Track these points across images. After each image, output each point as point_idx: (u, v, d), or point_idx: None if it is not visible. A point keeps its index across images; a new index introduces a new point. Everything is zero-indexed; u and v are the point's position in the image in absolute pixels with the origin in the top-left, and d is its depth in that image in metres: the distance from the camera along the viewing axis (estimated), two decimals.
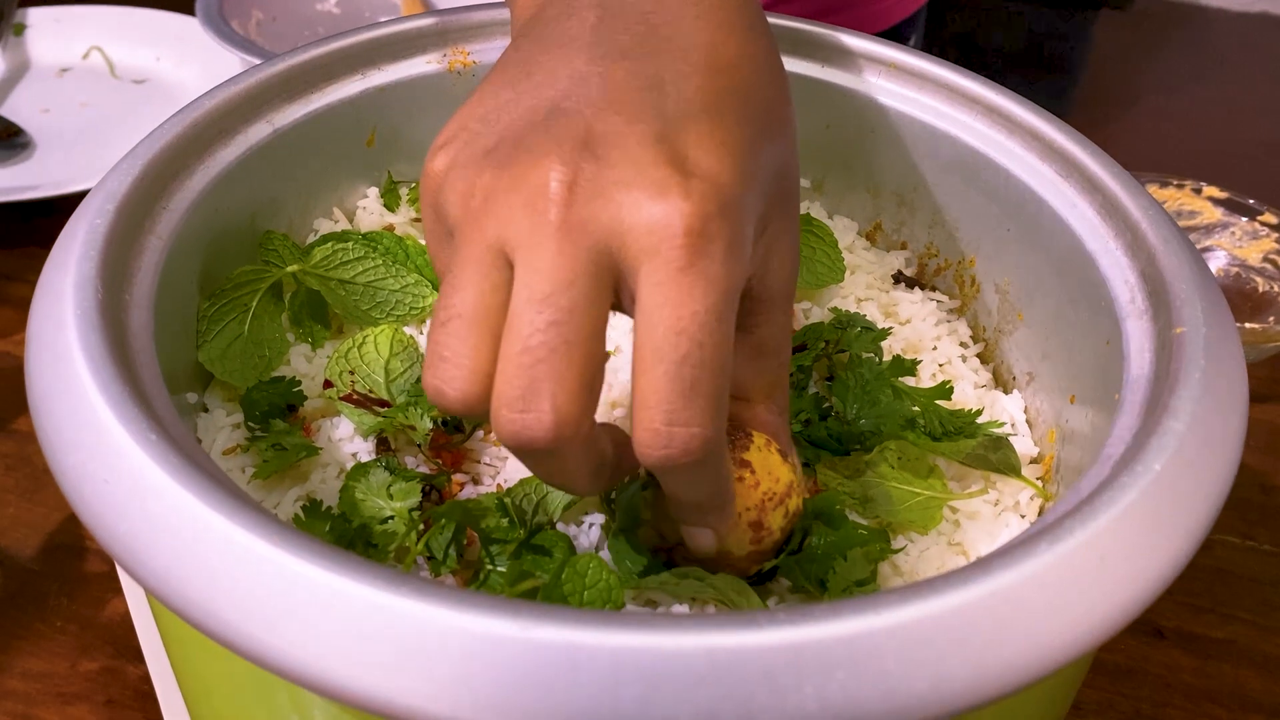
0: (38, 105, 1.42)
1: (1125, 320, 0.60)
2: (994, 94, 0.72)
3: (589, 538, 0.61)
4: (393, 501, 0.59)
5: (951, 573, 0.43)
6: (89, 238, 0.55)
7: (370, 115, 0.75)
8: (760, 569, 0.59)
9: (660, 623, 0.40)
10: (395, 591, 0.40)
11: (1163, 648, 0.94)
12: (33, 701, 0.85)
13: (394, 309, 0.70)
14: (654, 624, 0.40)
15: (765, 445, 0.57)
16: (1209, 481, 0.48)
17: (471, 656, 0.39)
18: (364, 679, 0.39)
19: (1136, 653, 0.93)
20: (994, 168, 0.71)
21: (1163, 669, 0.92)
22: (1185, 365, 0.53)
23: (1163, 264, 0.59)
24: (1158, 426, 0.49)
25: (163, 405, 0.51)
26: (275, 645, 0.40)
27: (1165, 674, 0.92)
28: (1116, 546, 0.44)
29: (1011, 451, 0.65)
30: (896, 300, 0.77)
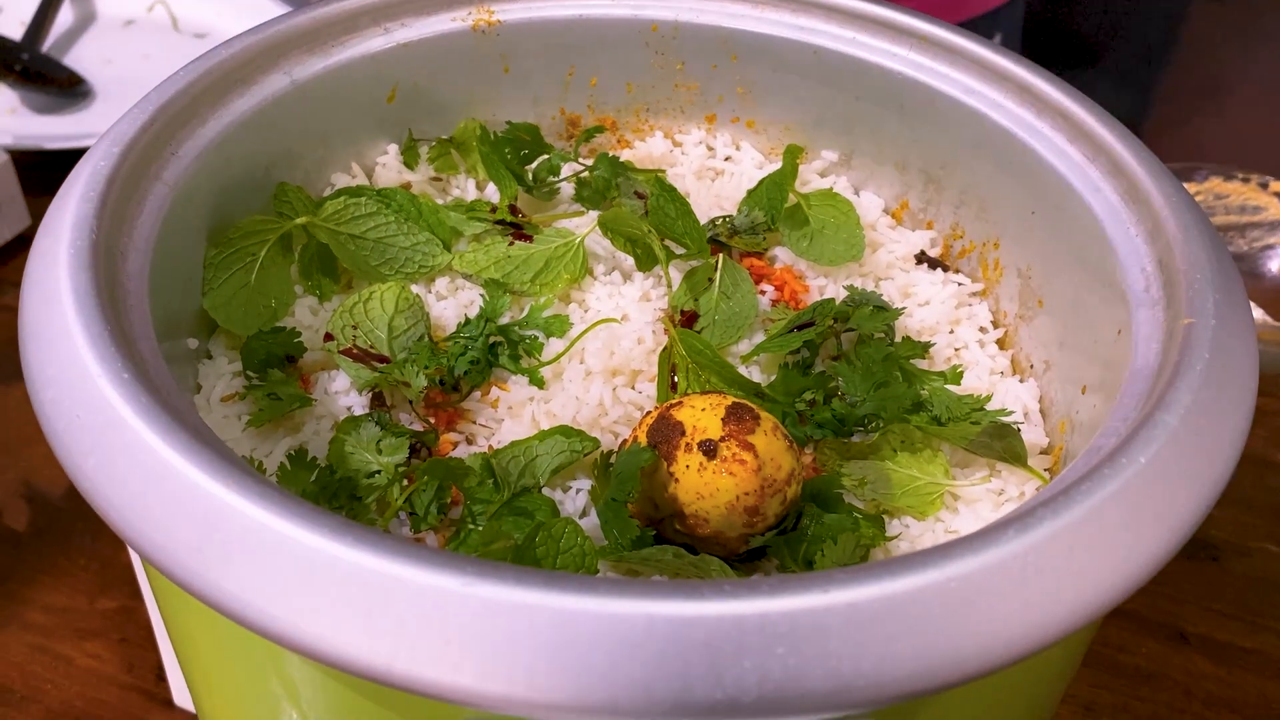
0: (101, 56, 1.45)
1: (1137, 309, 0.57)
2: (1024, 71, 0.70)
3: (575, 503, 0.60)
4: (381, 456, 0.59)
5: (910, 555, 0.41)
6: (91, 179, 0.56)
7: (392, 71, 0.75)
8: (748, 546, 0.58)
9: (600, 586, 0.39)
10: (339, 540, 0.40)
11: (1186, 653, 0.91)
12: (51, 635, 0.87)
13: (403, 266, 0.70)
14: (594, 587, 0.39)
15: (772, 431, 0.57)
16: (1199, 478, 0.46)
17: (410, 608, 0.39)
18: (300, 621, 0.40)
19: (1158, 656, 0.90)
20: (1022, 148, 0.69)
21: (1184, 675, 0.89)
22: (1188, 358, 0.50)
23: (1180, 253, 0.57)
24: (1149, 419, 0.47)
25: (148, 348, 0.51)
26: (217, 581, 0.41)
27: (1186, 680, 0.89)
28: (1088, 539, 0.43)
29: (1017, 440, 0.63)
30: (916, 281, 0.75)
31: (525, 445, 0.60)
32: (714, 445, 0.55)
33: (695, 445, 0.55)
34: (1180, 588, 0.95)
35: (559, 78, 0.81)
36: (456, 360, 0.65)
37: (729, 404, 0.57)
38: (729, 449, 0.55)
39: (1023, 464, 0.63)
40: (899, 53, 0.75)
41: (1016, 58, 0.71)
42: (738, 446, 0.55)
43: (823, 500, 0.60)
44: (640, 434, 0.59)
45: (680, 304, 0.70)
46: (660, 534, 0.59)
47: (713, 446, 0.55)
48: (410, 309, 0.68)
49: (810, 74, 0.78)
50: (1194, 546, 0.99)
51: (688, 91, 0.83)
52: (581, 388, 0.65)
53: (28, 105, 1.37)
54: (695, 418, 0.57)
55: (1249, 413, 0.50)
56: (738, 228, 0.76)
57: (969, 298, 0.76)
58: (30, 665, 0.85)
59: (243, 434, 0.62)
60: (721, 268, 0.72)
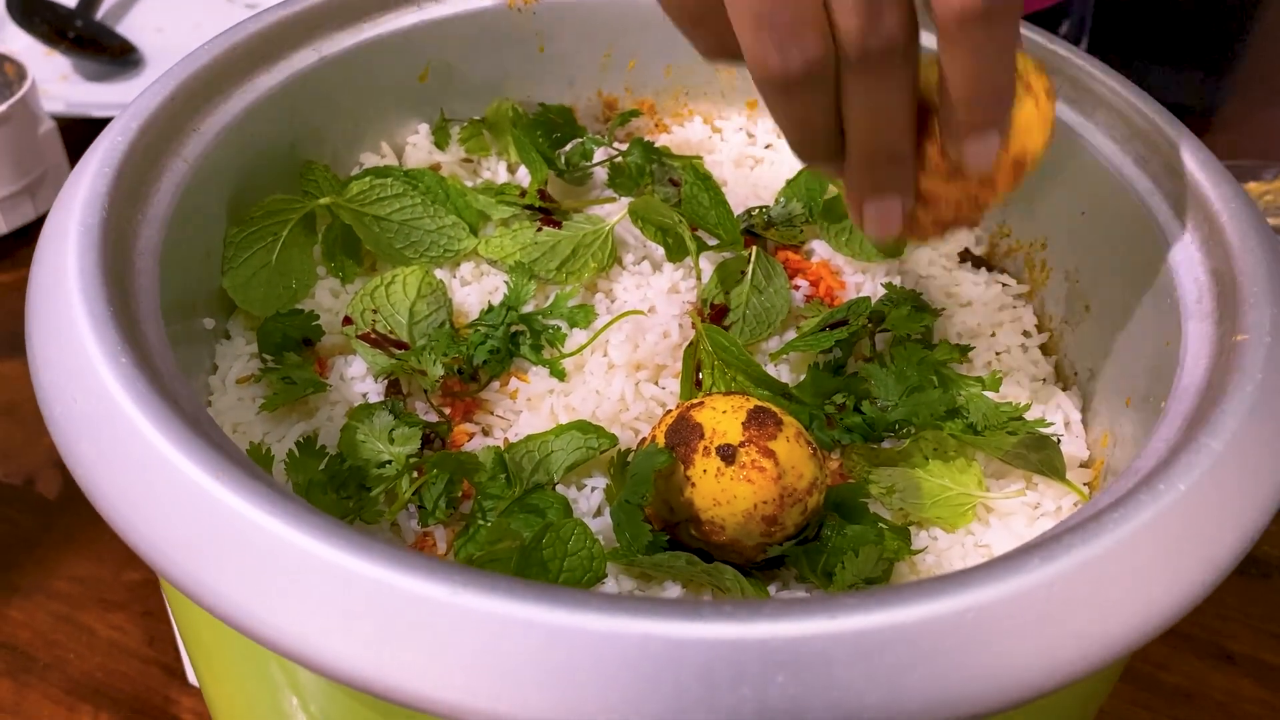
0: (153, 24, 1.45)
1: (1188, 321, 0.54)
2: (1079, 62, 0.66)
3: (589, 502, 0.58)
4: (393, 446, 0.58)
5: (925, 581, 0.39)
6: (107, 155, 0.55)
7: (424, 49, 0.74)
8: (766, 555, 0.56)
9: (594, 602, 0.38)
10: (329, 542, 0.39)
11: (1230, 673, 0.87)
12: (76, 604, 0.87)
13: (428, 249, 0.69)
14: (587, 603, 0.38)
15: (795, 438, 0.54)
16: (1244, 508, 0.44)
17: (397, 616, 0.38)
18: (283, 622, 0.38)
19: (1199, 675, 0.87)
20: (1074, 145, 0.66)
21: (1226, 696, 0.86)
22: (1238, 377, 0.47)
23: (1237, 263, 0.54)
24: (1192, 442, 0.45)
25: (153, 330, 0.50)
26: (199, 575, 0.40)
27: (1228, 701, 0.85)
28: (1118, 572, 0.40)
29: (1056, 453, 0.60)
30: (959, 280, 0.72)
31: (540, 440, 0.59)
32: (733, 450, 0.53)
33: (714, 449, 0.53)
34: (1227, 605, 0.91)
35: (596, 59, 0.79)
36: (476, 349, 0.63)
37: (751, 407, 0.54)
38: (748, 455, 0.53)
39: (1060, 478, 0.60)
40: None
41: (1070, 48, 0.67)
42: (757, 453, 0.53)
43: (847, 509, 0.58)
44: (659, 433, 0.57)
45: (710, 297, 0.68)
46: (676, 538, 0.57)
47: (731, 452, 0.53)
48: (433, 294, 0.66)
49: None
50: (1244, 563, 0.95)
51: (728, 75, 0.80)
52: (603, 381, 0.63)
53: (79, 73, 1.37)
54: (715, 420, 0.55)
55: None
56: (774, 219, 0.73)
57: (1014, 300, 0.73)
58: (54, 634, 0.86)
59: (256, 417, 0.61)
60: (754, 260, 0.70)
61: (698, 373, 0.64)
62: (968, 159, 0.49)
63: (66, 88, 1.34)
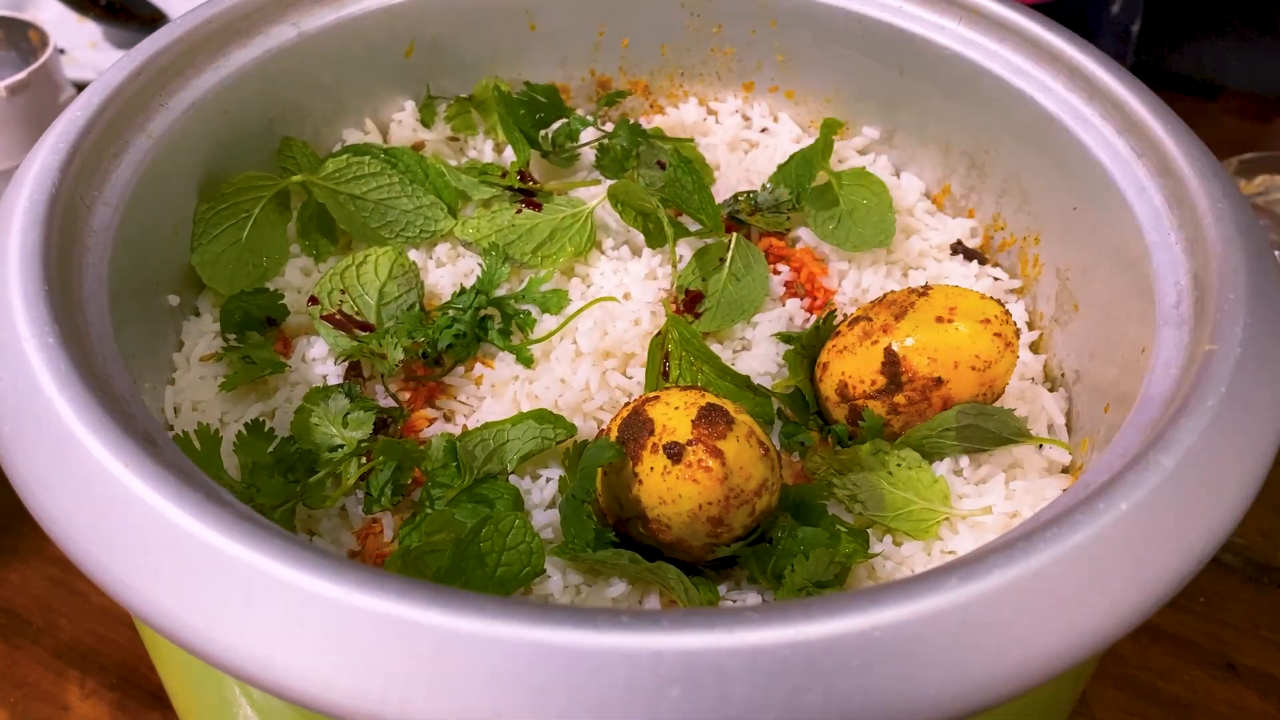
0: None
1: (1163, 327, 0.52)
2: (1077, 52, 0.63)
3: (543, 493, 0.57)
4: (346, 430, 0.57)
5: (835, 597, 0.38)
6: (64, 131, 0.55)
7: (409, 25, 0.73)
8: (715, 555, 0.55)
9: (490, 608, 0.37)
10: (227, 532, 0.38)
11: (1234, 685, 0.84)
12: (71, 569, 0.88)
13: (403, 230, 0.68)
14: (484, 608, 0.37)
15: (745, 437, 0.53)
16: (1192, 530, 0.41)
17: (289, 611, 0.37)
18: (177, 609, 0.38)
19: (1201, 686, 0.84)
20: (1068, 138, 0.63)
21: (1228, 708, 0.83)
22: (1201, 390, 0.45)
23: (1218, 267, 0.51)
24: (1143, 459, 0.42)
25: (95, 310, 0.50)
26: (98, 557, 0.39)
27: (1230, 714, 0.83)
28: (1043, 595, 0.38)
29: (1009, 415, 0.59)
30: (948, 272, 0.70)
31: (496, 428, 0.58)
32: (679, 449, 0.51)
33: (661, 447, 0.52)
34: (1235, 614, 0.88)
35: (589, 37, 0.78)
36: (441, 333, 0.62)
37: (703, 405, 0.53)
38: (695, 454, 0.51)
39: (1027, 437, 0.58)
40: (947, 25, 0.69)
41: (1070, 36, 0.65)
42: (705, 452, 0.51)
43: (804, 510, 0.56)
44: (614, 426, 0.56)
45: (686, 283, 0.67)
46: (627, 533, 0.56)
47: (678, 450, 0.51)
48: (405, 275, 0.65)
49: (853, 44, 0.73)
50: (1257, 571, 0.92)
51: (724, 57, 0.78)
52: (569, 369, 0.62)
53: (109, 40, 1.38)
54: (667, 416, 0.53)
55: (1267, 456, 0.45)
56: (760, 205, 0.71)
57: (1006, 294, 0.70)
58: (48, 599, 0.87)
59: (215, 396, 0.60)
60: (734, 247, 0.68)
61: (665, 363, 0.62)
62: None
63: (95, 55, 1.35)
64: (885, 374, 0.59)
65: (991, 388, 0.59)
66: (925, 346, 0.58)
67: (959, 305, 0.59)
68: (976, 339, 0.58)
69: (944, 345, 0.58)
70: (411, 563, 0.51)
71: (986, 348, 0.58)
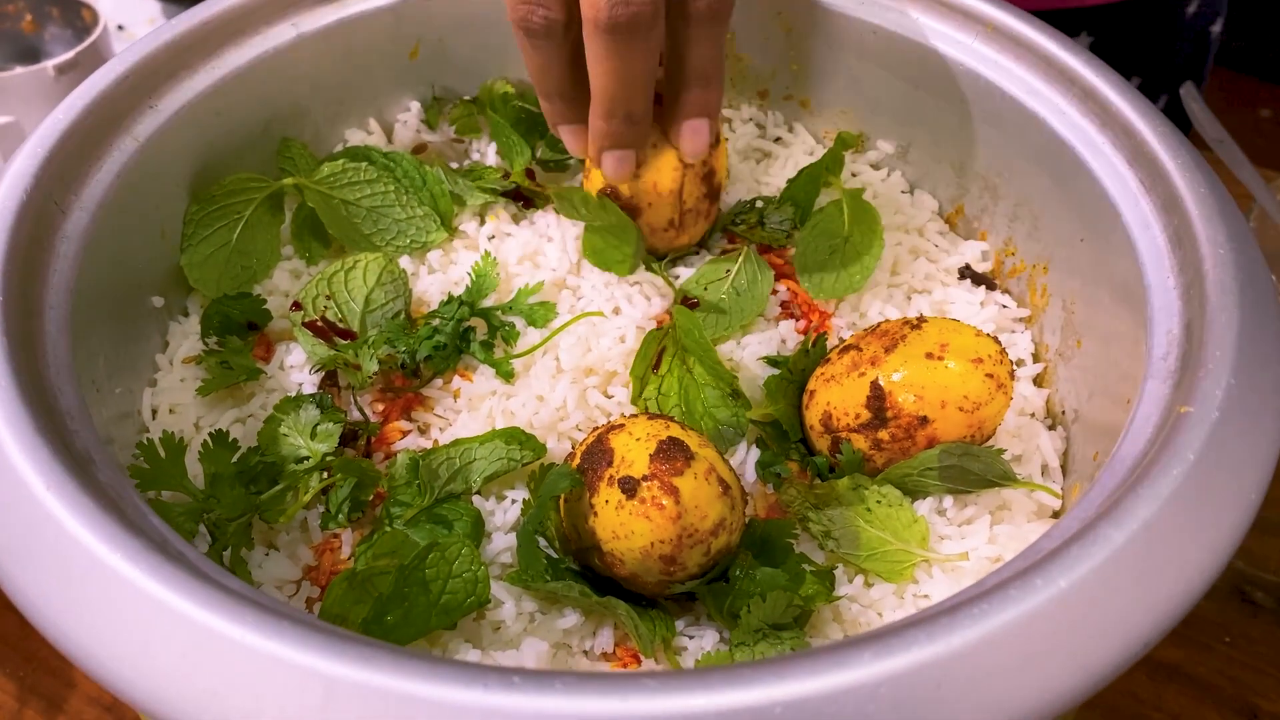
0: None
1: (1148, 380, 0.49)
2: (1093, 75, 0.60)
3: (506, 515, 0.57)
4: (313, 442, 0.57)
5: (735, 667, 0.36)
6: (43, 135, 0.55)
7: (414, 25, 0.72)
8: (670, 592, 0.54)
9: (383, 659, 0.36)
10: (134, 564, 0.38)
11: None
12: None
13: (395, 239, 0.67)
14: (374, 659, 0.36)
15: (704, 474, 0.51)
16: (1133, 610, 0.39)
17: (190, 650, 0.37)
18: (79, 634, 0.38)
19: None
20: (1079, 165, 0.60)
21: None
22: (1166, 457, 0.42)
23: (1211, 319, 0.48)
24: (1090, 530, 0.40)
25: (55, 319, 0.50)
26: (27, 591, 0.40)
27: None
28: (963, 675, 0.36)
29: (996, 459, 0.56)
30: (953, 298, 0.67)
31: (464, 446, 0.57)
32: (634, 484, 0.50)
33: (617, 480, 0.51)
34: (1259, 655, 0.84)
35: None
36: (421, 343, 0.61)
37: (664, 438, 0.51)
38: (649, 491, 0.50)
39: (1013, 481, 0.56)
40: (964, 40, 0.66)
41: (1088, 58, 0.61)
42: (659, 489, 0.50)
43: (769, 548, 0.55)
44: (579, 452, 0.55)
45: (688, 290, 0.65)
46: (586, 562, 0.55)
47: (632, 485, 0.50)
48: (393, 282, 0.65)
49: (868, 55, 0.70)
50: None
51: (738, 63, 0.76)
52: (548, 386, 0.61)
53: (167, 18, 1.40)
54: (627, 447, 0.52)
55: (1235, 531, 0.42)
56: (766, 222, 0.69)
57: (1013, 323, 0.67)
58: None
59: (192, 400, 0.61)
60: (743, 260, 0.66)
61: (659, 358, 0.61)
62: (685, 147, 0.62)
63: None
64: (870, 408, 0.57)
65: (980, 429, 0.57)
66: (912, 383, 0.56)
67: (951, 342, 0.57)
68: (966, 379, 0.56)
69: (932, 383, 0.56)
70: (358, 584, 0.51)
71: (976, 388, 0.56)
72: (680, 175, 0.64)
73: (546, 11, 0.55)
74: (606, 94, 0.58)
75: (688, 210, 0.66)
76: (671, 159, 0.64)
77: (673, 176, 0.64)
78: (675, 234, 0.67)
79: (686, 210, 0.66)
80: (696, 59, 0.59)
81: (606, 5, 0.53)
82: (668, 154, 0.64)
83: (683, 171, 0.64)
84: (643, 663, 0.52)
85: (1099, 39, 1.02)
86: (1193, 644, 0.86)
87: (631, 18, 0.54)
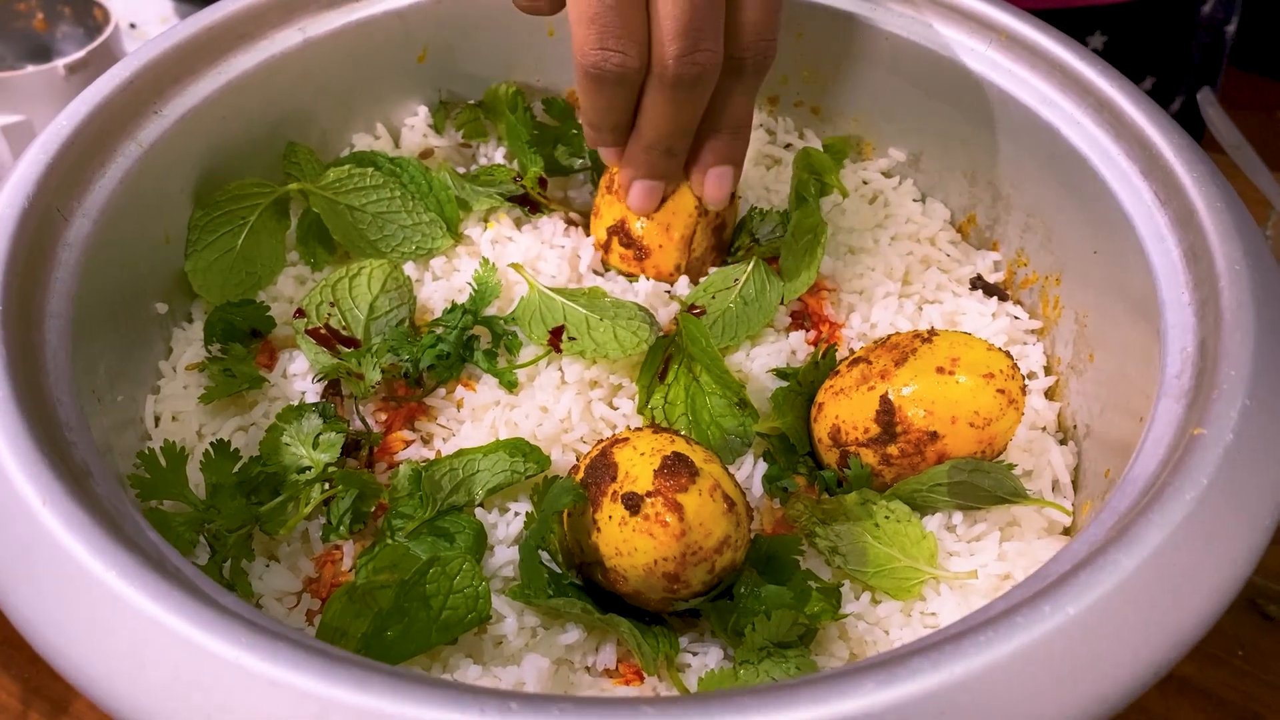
0: None
1: (1161, 399, 0.48)
2: (1108, 86, 0.59)
3: (509, 528, 0.56)
4: (315, 452, 0.57)
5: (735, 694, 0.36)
6: (46, 142, 0.55)
7: (422, 30, 0.71)
8: (674, 609, 0.53)
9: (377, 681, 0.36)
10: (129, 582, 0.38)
11: None
12: None
13: (400, 245, 0.67)
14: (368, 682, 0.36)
15: (709, 491, 0.50)
16: (1147, 639, 0.38)
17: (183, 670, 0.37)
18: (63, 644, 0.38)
19: None
20: (1093, 177, 0.59)
21: None
22: (1179, 480, 0.42)
23: (1225, 336, 0.47)
24: (1099, 555, 0.39)
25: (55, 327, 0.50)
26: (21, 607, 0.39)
27: None
28: (966, 708, 0.36)
29: (1005, 473, 0.55)
30: (965, 309, 0.67)
31: (468, 457, 0.57)
32: (638, 501, 0.49)
33: (620, 496, 0.50)
34: (1273, 669, 0.83)
35: None
36: (424, 353, 0.61)
37: (669, 453, 0.51)
38: (653, 507, 0.49)
39: (1024, 498, 0.56)
40: (977, 48, 0.65)
41: (1103, 68, 0.60)
42: (663, 506, 0.49)
43: (775, 565, 0.54)
44: (583, 465, 0.54)
45: (695, 299, 0.65)
46: (589, 577, 0.54)
47: (636, 502, 0.49)
48: (398, 289, 0.64)
49: (880, 62, 0.70)
50: None
51: None
52: (552, 397, 0.60)
53: (180, 17, 1.40)
54: (631, 462, 0.51)
55: (1251, 555, 0.41)
56: (759, 237, 0.69)
57: (1025, 335, 0.66)
58: None
59: (195, 408, 0.60)
60: (751, 271, 0.66)
61: (665, 365, 0.60)
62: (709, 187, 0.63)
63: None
64: (879, 423, 0.56)
65: (991, 445, 0.56)
66: (922, 398, 0.55)
67: (963, 356, 0.56)
68: (977, 394, 0.55)
69: (942, 398, 0.55)
70: (359, 598, 0.50)
71: (987, 404, 0.55)
72: (694, 223, 0.64)
73: (623, 58, 0.54)
74: (656, 133, 0.59)
75: (694, 258, 0.66)
76: (687, 205, 0.64)
77: (686, 223, 0.64)
78: (678, 278, 0.66)
79: (693, 258, 0.65)
80: (733, 108, 0.60)
81: (675, 60, 0.54)
82: (684, 200, 0.64)
83: (696, 220, 0.64)
84: (645, 680, 0.51)
85: (1113, 38, 1.01)
86: (1205, 657, 0.85)
87: (697, 74, 0.55)
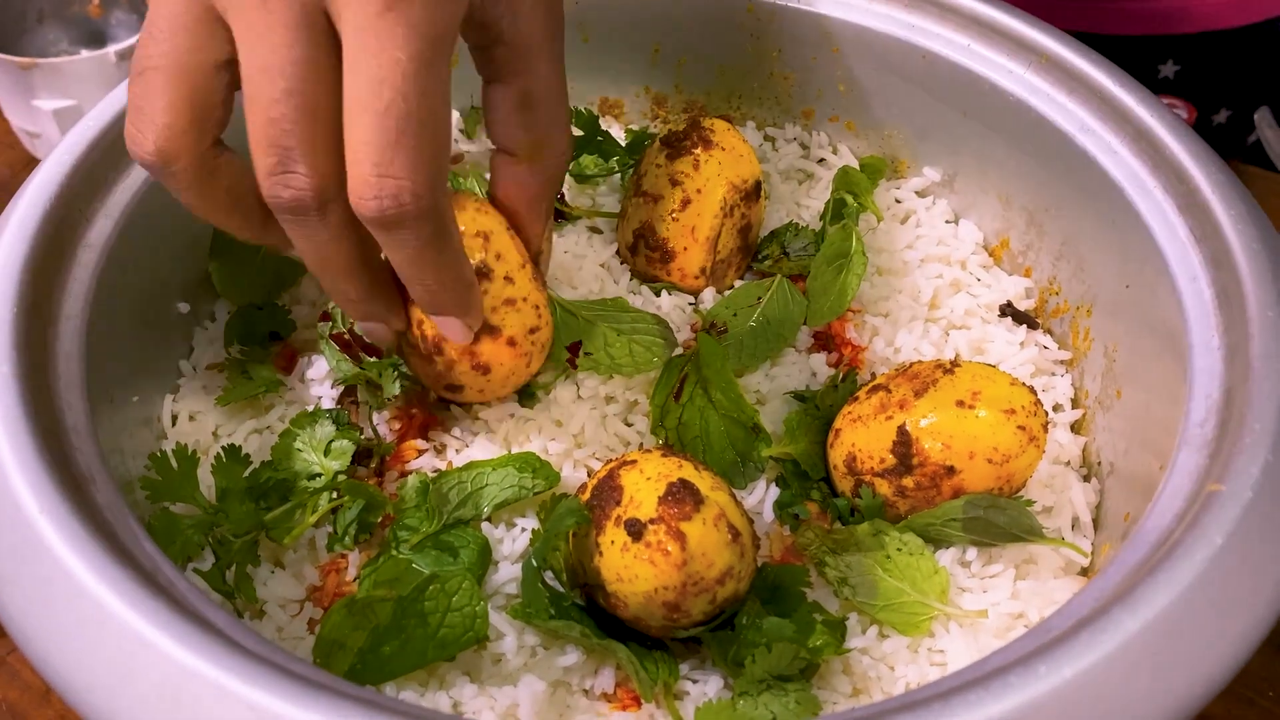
0: None
1: (1183, 448, 0.47)
2: (1147, 114, 0.58)
3: (515, 544, 0.56)
4: (326, 459, 0.57)
5: None
6: (72, 141, 0.55)
7: None
8: (675, 637, 0.52)
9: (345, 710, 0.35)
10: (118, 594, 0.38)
11: None
12: None
13: None
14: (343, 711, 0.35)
15: (713, 520, 0.49)
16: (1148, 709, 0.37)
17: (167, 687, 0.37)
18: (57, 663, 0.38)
19: None
20: (1128, 209, 0.58)
21: None
22: (1191, 539, 0.40)
23: (1254, 386, 0.46)
24: (1104, 614, 0.38)
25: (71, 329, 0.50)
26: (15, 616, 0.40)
27: None
28: None
29: (1022, 512, 0.54)
30: (992, 336, 0.65)
31: (477, 470, 0.56)
32: (640, 527, 0.49)
33: (624, 521, 0.49)
34: None
35: (644, 53, 0.75)
36: None
37: (675, 480, 0.50)
38: (655, 535, 0.49)
39: (1039, 537, 0.54)
40: (1015, 70, 0.64)
41: (1143, 95, 0.59)
42: (666, 534, 0.48)
43: (780, 595, 0.53)
44: (591, 485, 0.54)
45: (715, 316, 0.64)
46: (592, 599, 0.54)
47: (639, 528, 0.49)
48: None
49: (916, 80, 0.68)
50: None
51: (784, 81, 0.74)
52: (567, 411, 0.60)
53: None
54: (637, 487, 0.51)
55: (1263, 623, 0.40)
56: (789, 252, 0.68)
57: (1053, 365, 0.65)
58: None
59: (213, 409, 0.60)
60: (775, 288, 0.65)
61: (681, 385, 0.60)
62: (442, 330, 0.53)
63: None
64: (896, 454, 0.55)
65: (1009, 482, 0.55)
66: (940, 431, 0.54)
67: (984, 390, 0.55)
68: (997, 430, 0.54)
69: (960, 433, 0.54)
70: (358, 611, 0.50)
71: (1007, 440, 0.54)
72: (719, 224, 0.63)
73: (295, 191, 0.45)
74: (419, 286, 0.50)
75: (720, 260, 0.65)
76: (712, 205, 0.63)
77: (711, 224, 0.63)
78: (704, 282, 0.66)
79: (719, 260, 0.65)
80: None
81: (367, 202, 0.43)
82: (709, 200, 0.63)
83: (721, 220, 0.63)
84: (642, 707, 0.51)
85: (1185, 67, 0.97)
86: (1234, 697, 0.82)
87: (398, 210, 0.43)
